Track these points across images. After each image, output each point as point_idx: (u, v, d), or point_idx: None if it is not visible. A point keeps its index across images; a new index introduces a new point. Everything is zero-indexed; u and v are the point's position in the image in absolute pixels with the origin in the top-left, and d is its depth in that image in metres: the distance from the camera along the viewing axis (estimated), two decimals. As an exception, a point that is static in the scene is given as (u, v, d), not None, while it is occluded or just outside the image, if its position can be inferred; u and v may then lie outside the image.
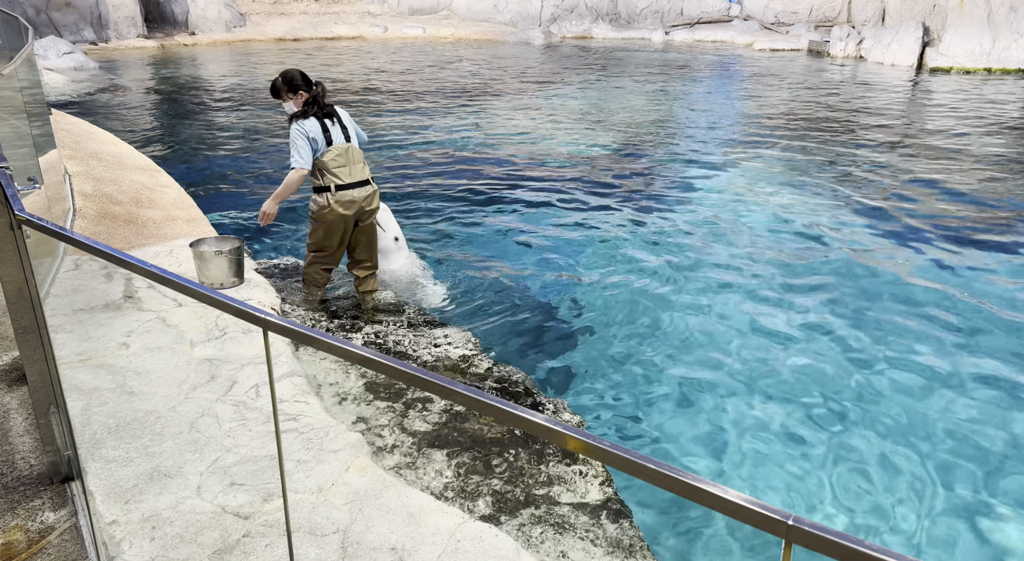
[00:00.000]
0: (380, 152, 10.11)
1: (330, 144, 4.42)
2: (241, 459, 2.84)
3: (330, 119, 4.46)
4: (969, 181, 8.87)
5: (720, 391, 4.31)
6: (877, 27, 23.60)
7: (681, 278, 5.89)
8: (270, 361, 1.49)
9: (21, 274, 2.14)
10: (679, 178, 8.94)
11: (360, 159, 4.56)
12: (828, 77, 18.61)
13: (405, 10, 30.41)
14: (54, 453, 2.48)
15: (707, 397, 4.25)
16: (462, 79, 17.67)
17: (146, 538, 2.42)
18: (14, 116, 4.85)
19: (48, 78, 15.71)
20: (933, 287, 5.76)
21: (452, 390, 1.19)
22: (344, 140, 4.48)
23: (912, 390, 4.34)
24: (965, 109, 13.96)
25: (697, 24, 29.43)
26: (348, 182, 4.49)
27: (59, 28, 22.74)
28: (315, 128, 4.39)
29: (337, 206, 4.50)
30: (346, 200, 4.51)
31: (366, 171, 4.60)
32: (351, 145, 4.51)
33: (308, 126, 4.38)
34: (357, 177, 4.53)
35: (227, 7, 27.20)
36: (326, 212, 4.53)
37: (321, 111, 4.43)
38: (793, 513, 0.87)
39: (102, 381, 3.32)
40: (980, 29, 19.52)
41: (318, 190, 4.53)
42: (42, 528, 2.31)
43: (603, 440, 1.04)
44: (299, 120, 4.40)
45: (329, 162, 4.43)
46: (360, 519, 2.57)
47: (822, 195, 8.21)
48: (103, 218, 5.53)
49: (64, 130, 8.54)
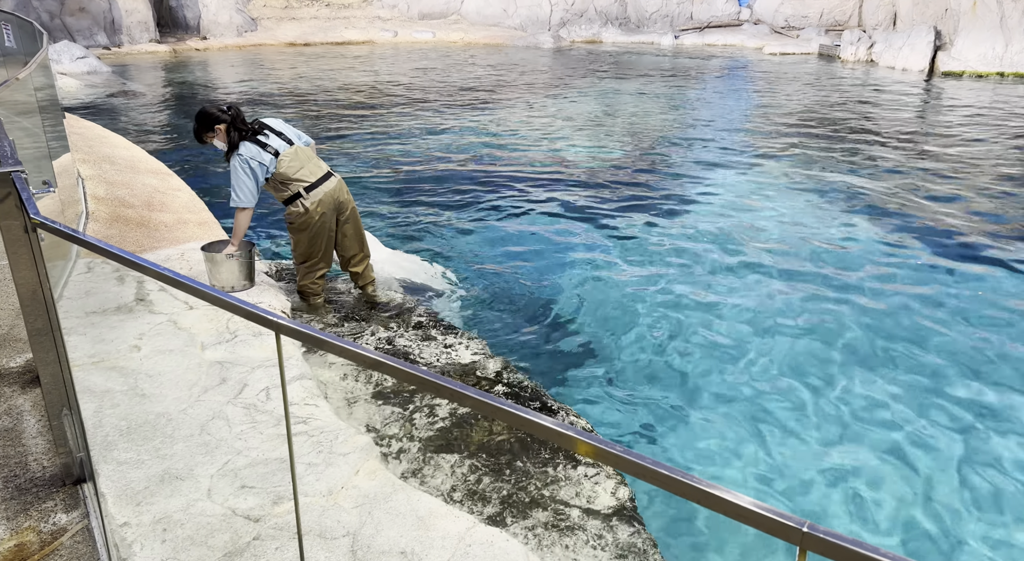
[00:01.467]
0: (391, 155, 10.14)
1: (276, 156, 4.32)
2: (251, 462, 2.85)
3: (262, 134, 4.33)
4: (983, 186, 8.80)
5: (733, 396, 4.29)
6: (888, 31, 23.50)
7: (693, 282, 5.87)
8: (282, 364, 1.49)
9: (35, 276, 2.16)
10: (690, 182, 8.92)
11: (312, 156, 4.49)
12: (839, 81, 18.53)
13: (415, 15, 30.53)
14: (67, 455, 2.50)
15: (719, 402, 4.23)
16: (472, 83, 17.71)
17: (157, 540, 2.43)
18: (29, 120, 4.90)
19: (62, 82, 15.85)
20: (946, 292, 5.72)
21: (462, 394, 1.19)
22: (287, 145, 4.39)
23: (916, 389, 4.31)
24: (979, 113, 13.87)
25: (707, 28, 29.39)
26: (313, 180, 4.42)
27: (73, 33, 22.95)
28: (254, 150, 4.27)
29: (315, 207, 4.41)
30: (320, 198, 4.42)
31: (324, 165, 4.53)
32: (297, 146, 4.41)
33: (246, 152, 4.25)
34: (319, 173, 4.45)
35: (239, 12, 27.38)
36: (306, 218, 4.43)
37: (249, 132, 4.30)
38: (808, 520, 0.87)
39: (114, 383, 3.34)
40: (993, 33, 19.40)
41: (288, 201, 4.43)
42: (55, 530, 2.32)
43: (614, 444, 1.03)
44: (236, 152, 4.27)
45: (286, 171, 4.33)
46: (370, 522, 2.57)
47: (834, 200, 8.17)
48: (115, 221, 5.57)
49: (77, 134, 8.61)
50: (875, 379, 4.47)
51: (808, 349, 4.82)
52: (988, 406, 4.23)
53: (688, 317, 5.25)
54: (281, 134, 4.40)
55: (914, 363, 4.66)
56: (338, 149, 10.54)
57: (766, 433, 3.95)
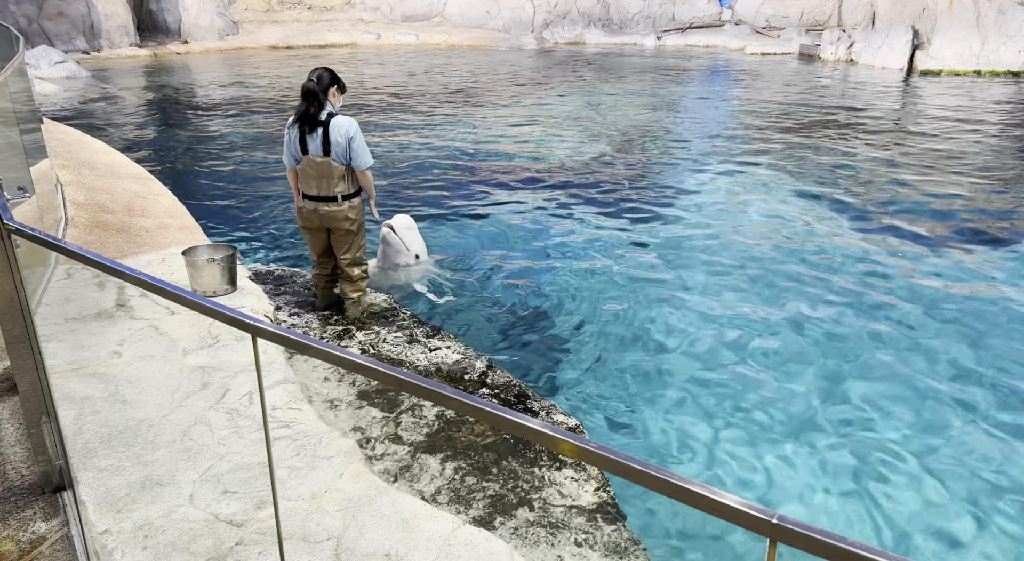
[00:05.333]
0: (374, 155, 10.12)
1: (306, 153, 4.47)
2: (234, 467, 2.83)
3: (313, 130, 4.42)
4: (963, 182, 8.92)
5: (713, 393, 4.32)
6: (867, 30, 23.74)
7: (676, 282, 5.91)
8: (259, 367, 1.49)
9: (11, 284, 2.14)
10: (673, 182, 8.97)
11: (335, 175, 4.47)
12: (819, 81, 18.70)
13: (398, 17, 30.47)
14: (45, 463, 2.47)
15: (701, 399, 4.26)
16: (456, 85, 17.71)
17: (138, 547, 2.41)
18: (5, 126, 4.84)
19: (40, 88, 15.68)
20: (930, 286, 5.79)
21: (445, 396, 1.19)
22: (322, 153, 4.43)
23: (907, 387, 4.36)
24: (956, 111, 14.05)
25: (689, 29, 29.56)
26: (311, 194, 4.53)
27: (51, 37, 22.72)
28: (293, 136, 4.49)
29: (300, 214, 4.67)
30: (308, 211, 4.58)
31: (338, 188, 4.50)
32: (328, 160, 4.43)
33: (289, 132, 4.53)
34: (324, 192, 4.50)
35: (220, 15, 27.21)
36: (298, 217, 4.74)
37: (308, 121, 4.43)
38: (778, 512, 0.88)
39: (94, 390, 3.31)
40: (969, 32, 19.66)
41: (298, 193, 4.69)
42: (33, 538, 2.30)
43: (591, 443, 1.04)
44: (288, 125, 4.56)
45: (300, 172, 4.54)
46: (354, 526, 2.56)
47: (815, 199, 8.24)
48: (95, 227, 5.52)
49: (56, 139, 8.52)
50: (864, 380, 4.52)
51: (795, 345, 4.87)
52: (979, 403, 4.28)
53: (674, 317, 5.27)
54: (328, 143, 4.43)
55: (903, 360, 4.71)
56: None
57: (752, 430, 3.98)
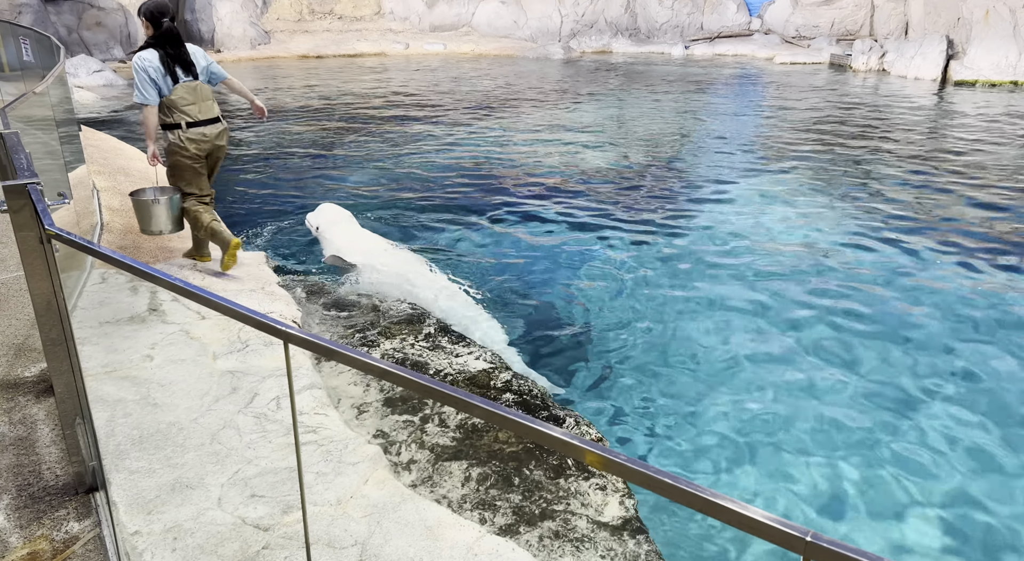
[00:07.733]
0: (402, 165, 10.19)
1: (176, 82, 4.46)
2: (261, 471, 2.86)
3: (178, 56, 4.45)
4: (997, 196, 8.73)
5: (741, 405, 4.27)
6: (900, 40, 23.42)
7: (705, 294, 5.86)
8: (290, 374, 1.51)
9: (50, 287, 2.19)
10: (702, 192, 8.91)
11: (209, 96, 4.65)
12: (851, 90, 18.48)
13: (426, 27, 30.73)
14: (79, 464, 2.52)
15: (728, 411, 4.21)
16: (483, 93, 17.80)
17: (167, 549, 2.44)
18: (46, 133, 4.97)
19: (78, 95, 16.06)
20: (967, 299, 5.67)
21: (471, 403, 1.20)
22: (192, 78, 4.54)
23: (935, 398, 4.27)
24: (993, 122, 13.78)
25: (717, 38, 29.41)
26: (198, 119, 4.57)
27: (90, 47, 23.28)
28: (154, 62, 4.38)
29: (189, 143, 4.60)
30: (196, 137, 4.60)
31: (216, 109, 4.69)
32: (199, 83, 4.57)
33: (147, 58, 4.37)
34: (207, 114, 4.62)
35: (252, 25, 27.69)
36: (179, 149, 4.60)
37: (169, 47, 4.43)
38: (812, 529, 0.87)
39: (127, 393, 3.37)
40: (1006, 42, 19.28)
41: (168, 127, 4.59)
42: (67, 538, 2.34)
43: (620, 454, 1.03)
44: (139, 53, 4.41)
45: (177, 100, 4.50)
46: (378, 532, 2.57)
47: (847, 211, 8.13)
48: (130, 232, 5.63)
49: (93, 146, 8.72)
50: (890, 387, 4.44)
51: (825, 360, 4.79)
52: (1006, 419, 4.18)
53: (701, 328, 5.23)
54: (192, 66, 4.52)
55: (931, 372, 4.62)
56: (352, 158, 10.61)
57: (782, 442, 3.92)
